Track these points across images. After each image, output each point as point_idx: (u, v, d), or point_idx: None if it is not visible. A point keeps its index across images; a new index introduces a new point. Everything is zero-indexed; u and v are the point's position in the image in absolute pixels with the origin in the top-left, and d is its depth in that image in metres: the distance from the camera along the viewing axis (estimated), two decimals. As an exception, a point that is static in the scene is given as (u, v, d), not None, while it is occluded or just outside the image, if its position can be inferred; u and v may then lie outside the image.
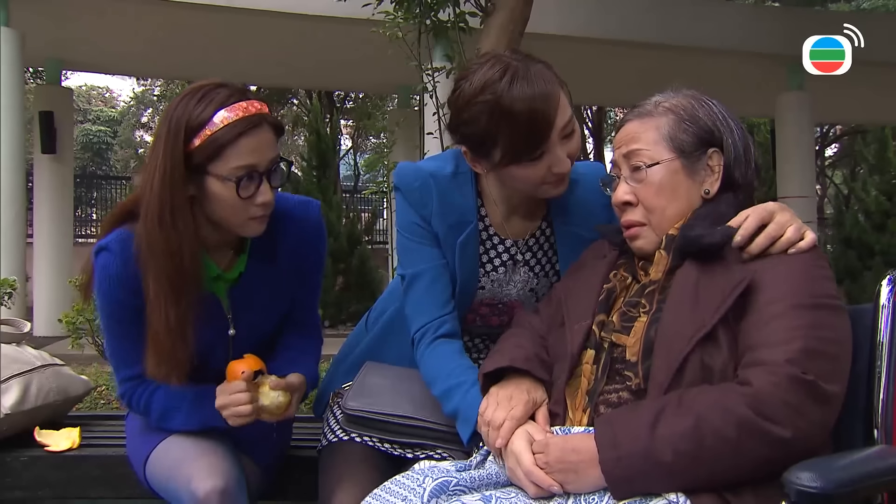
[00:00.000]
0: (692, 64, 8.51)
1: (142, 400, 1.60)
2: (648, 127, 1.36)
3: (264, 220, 1.55)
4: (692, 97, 1.38)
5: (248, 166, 1.47)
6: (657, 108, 1.38)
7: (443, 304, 1.57)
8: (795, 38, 8.63)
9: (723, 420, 1.09)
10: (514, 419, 1.28)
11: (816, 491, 0.96)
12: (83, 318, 4.21)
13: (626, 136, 1.39)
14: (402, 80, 9.64)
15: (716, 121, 1.35)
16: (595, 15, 7.79)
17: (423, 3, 5.16)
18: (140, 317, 1.52)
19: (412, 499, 1.20)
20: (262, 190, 1.50)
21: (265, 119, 1.49)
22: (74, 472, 1.92)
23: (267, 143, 1.50)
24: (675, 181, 1.33)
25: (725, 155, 1.35)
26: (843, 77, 9.01)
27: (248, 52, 8.94)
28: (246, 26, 7.99)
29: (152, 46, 8.97)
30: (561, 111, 1.43)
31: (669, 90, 1.41)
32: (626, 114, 1.44)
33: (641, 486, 1.12)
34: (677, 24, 8.22)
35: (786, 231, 1.24)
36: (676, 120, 1.35)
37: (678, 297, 1.23)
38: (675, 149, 1.34)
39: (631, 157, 1.36)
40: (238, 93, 1.49)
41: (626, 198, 1.36)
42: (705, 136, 1.34)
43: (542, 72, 1.43)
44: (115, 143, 25.14)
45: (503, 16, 4.89)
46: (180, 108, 1.48)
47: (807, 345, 1.12)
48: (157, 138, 1.51)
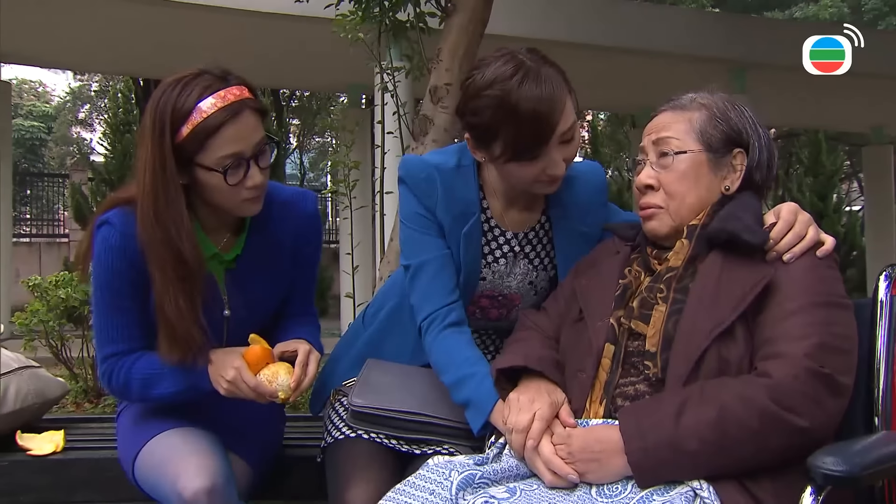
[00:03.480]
0: (640, 66, 8.70)
1: (122, 373, 1.58)
2: (681, 119, 1.42)
3: (259, 199, 1.57)
4: (726, 99, 1.44)
5: (234, 154, 1.49)
6: (692, 103, 1.44)
7: (449, 291, 1.59)
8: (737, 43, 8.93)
9: (745, 410, 1.14)
10: (542, 419, 1.31)
11: (842, 474, 1.03)
12: (37, 320, 4.08)
13: (658, 125, 1.44)
14: (352, 79, 9.60)
15: (745, 124, 1.42)
16: (544, 17, 7.90)
17: (382, 2, 5.16)
18: (134, 291, 1.55)
19: (440, 492, 1.22)
20: (250, 174, 1.52)
21: (246, 104, 1.50)
22: (59, 476, 1.89)
23: (250, 128, 1.51)
24: (699, 172, 1.39)
25: (749, 157, 1.41)
26: (782, 82, 9.38)
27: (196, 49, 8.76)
28: (195, 22, 7.83)
29: (96, 40, 8.72)
30: (565, 117, 1.46)
31: (705, 90, 1.46)
32: (662, 106, 1.49)
33: (666, 474, 1.16)
34: (625, 27, 8.38)
35: (808, 231, 1.31)
36: (709, 116, 1.41)
37: (699, 291, 1.28)
38: (704, 142, 1.40)
39: (660, 143, 1.42)
40: (217, 81, 1.50)
41: (648, 181, 1.42)
42: (734, 135, 1.41)
43: (553, 76, 1.46)
44: (51, 139, 24.34)
45: (464, 16, 4.89)
46: (162, 100, 1.49)
47: (822, 340, 1.19)
48: (143, 132, 1.52)
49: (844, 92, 9.77)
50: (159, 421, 1.62)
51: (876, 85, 9.74)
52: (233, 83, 1.51)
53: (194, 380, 1.56)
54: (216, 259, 1.63)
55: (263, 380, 1.53)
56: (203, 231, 1.61)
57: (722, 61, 8.84)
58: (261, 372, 1.54)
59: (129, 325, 1.57)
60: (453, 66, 4.87)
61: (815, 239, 1.31)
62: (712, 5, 14.85)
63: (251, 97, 1.53)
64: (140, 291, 1.56)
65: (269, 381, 1.53)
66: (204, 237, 1.61)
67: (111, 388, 1.62)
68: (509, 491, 1.21)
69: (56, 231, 15.40)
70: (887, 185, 13.23)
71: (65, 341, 4.09)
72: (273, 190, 1.67)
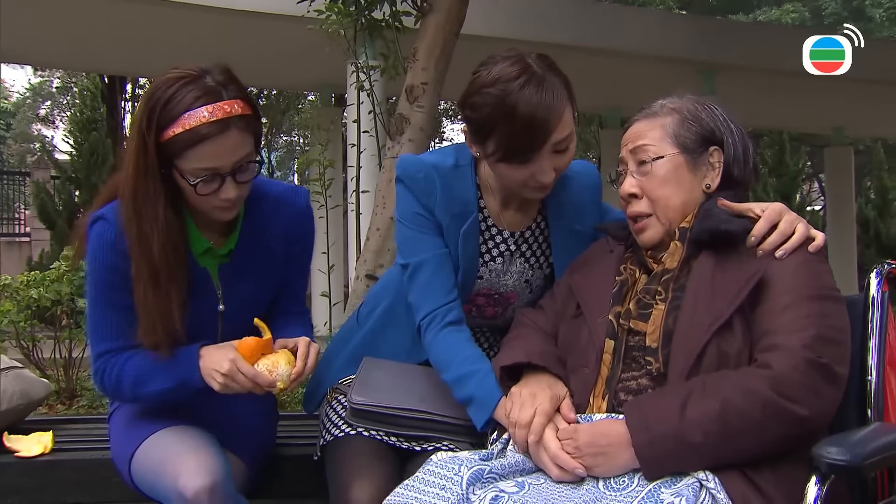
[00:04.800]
0: (611, 67, 8.79)
1: (114, 371, 1.57)
2: (654, 125, 1.46)
3: (232, 209, 1.57)
4: (696, 101, 1.49)
5: (210, 169, 1.48)
6: (662, 109, 1.48)
7: (448, 290, 1.61)
8: (707, 45, 9.08)
9: (748, 401, 1.18)
10: (543, 414, 1.33)
11: (846, 463, 1.07)
12: (8, 321, 4.00)
13: (634, 135, 1.48)
14: (323, 78, 9.56)
15: (717, 122, 1.46)
16: (518, 17, 7.95)
17: (357, 1, 5.15)
18: (129, 286, 1.54)
19: (451, 486, 1.23)
20: (224, 188, 1.50)
21: (234, 123, 1.47)
22: (47, 477, 1.86)
23: (232, 147, 1.48)
24: (679, 174, 1.43)
25: (725, 153, 1.45)
26: (749, 83, 9.55)
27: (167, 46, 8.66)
28: (164, 19, 7.73)
29: (63, 36, 8.56)
30: (561, 127, 1.48)
31: (674, 95, 1.51)
32: (634, 116, 1.53)
33: (673, 465, 1.19)
34: (598, 28, 8.47)
35: (796, 229, 1.35)
36: (680, 119, 1.45)
37: (695, 288, 1.32)
38: (679, 145, 1.44)
39: (637, 152, 1.46)
40: (213, 91, 1.48)
41: (632, 190, 1.45)
42: (707, 134, 1.45)
43: (557, 85, 1.48)
44: (10, 136, 23.81)
45: (440, 16, 4.91)
46: (156, 96, 1.48)
47: (819, 332, 1.23)
48: (135, 123, 1.52)
49: (807, 94, 9.98)
50: (154, 420, 1.61)
51: (837, 87, 9.97)
52: (228, 97, 1.48)
53: (185, 375, 1.55)
54: (209, 254, 1.63)
55: (263, 369, 1.52)
56: (196, 225, 1.61)
57: (692, 63, 8.97)
58: (260, 361, 1.53)
59: (124, 322, 1.56)
60: (429, 66, 4.89)
61: (805, 235, 1.34)
62: (679, 7, 15.08)
63: (243, 114, 1.49)
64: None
65: (270, 371, 1.52)
66: (197, 233, 1.61)
67: (103, 387, 1.61)
68: (518, 485, 1.23)
69: (16, 230, 15.06)
70: (847, 185, 13.55)
71: (36, 342, 4.02)
72: (265, 185, 1.67)
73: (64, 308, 4.02)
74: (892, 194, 16.15)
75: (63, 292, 3.91)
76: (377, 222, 4.73)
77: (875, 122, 13.40)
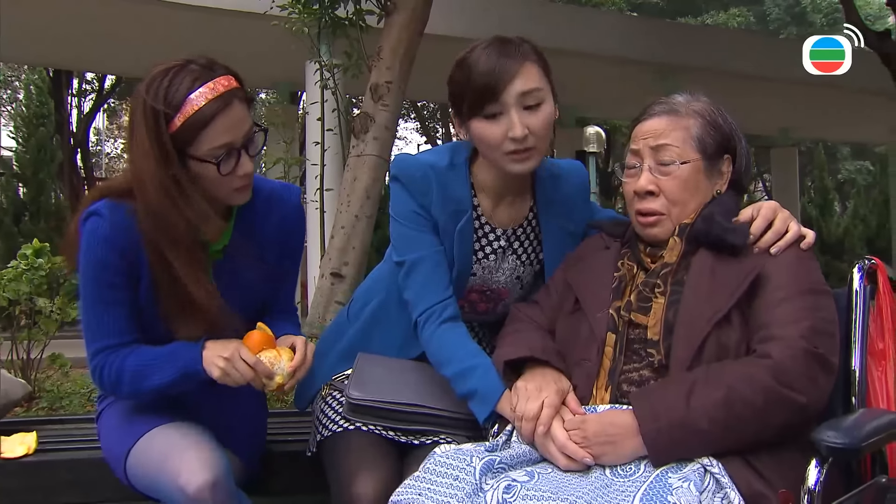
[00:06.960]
0: (568, 67, 8.90)
1: (114, 367, 1.56)
2: (678, 126, 1.48)
3: (249, 188, 1.59)
4: (712, 105, 1.52)
5: (226, 144, 1.50)
6: (686, 109, 1.49)
7: (445, 287, 1.64)
8: (662, 48, 9.28)
9: (750, 389, 1.24)
10: (551, 406, 1.36)
11: (845, 446, 1.15)
12: (-21, 322, 3.88)
13: (655, 130, 1.49)
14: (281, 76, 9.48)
15: (732, 130, 1.51)
16: (479, 17, 8.03)
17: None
18: (124, 282, 1.54)
19: (464, 477, 1.26)
20: (241, 163, 1.53)
21: (235, 95, 1.52)
22: (32, 478, 1.84)
23: (239, 119, 1.52)
24: (697, 179, 1.47)
25: (737, 162, 1.51)
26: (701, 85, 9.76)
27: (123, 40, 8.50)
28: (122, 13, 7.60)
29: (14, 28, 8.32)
30: (523, 78, 1.54)
31: (688, 93, 1.53)
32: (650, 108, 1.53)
33: (680, 452, 1.24)
34: (555, 29, 8.60)
35: (789, 227, 1.42)
36: (704, 124, 1.48)
37: (695, 282, 1.37)
38: (701, 150, 1.47)
39: (660, 150, 1.47)
40: (205, 71, 1.51)
41: (650, 187, 1.47)
42: (724, 142, 1.49)
43: (522, 46, 1.57)
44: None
45: (405, 15, 4.93)
46: (151, 91, 1.48)
47: (813, 324, 1.30)
48: (134, 125, 1.52)
49: (755, 95, 10.27)
50: (148, 417, 1.60)
51: (783, 90, 10.29)
52: (220, 73, 1.52)
53: (188, 366, 1.54)
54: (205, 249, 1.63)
55: (264, 359, 1.54)
56: None
57: (647, 64, 9.16)
58: (262, 353, 1.54)
59: (120, 318, 1.56)
60: (394, 65, 4.92)
61: (798, 233, 1.41)
62: (630, 10, 15.34)
63: (238, 87, 1.54)
64: (131, 283, 1.55)
65: (271, 364, 1.53)
66: None
67: (102, 383, 1.59)
68: (528, 474, 1.27)
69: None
70: (792, 185, 14.00)
71: (-8, 343, 3.91)
72: (257, 183, 1.68)
73: (23, 308, 3.92)
74: (832, 194, 16.74)
75: (21, 291, 3.81)
76: (342, 220, 4.73)
77: (817, 125, 13.87)
